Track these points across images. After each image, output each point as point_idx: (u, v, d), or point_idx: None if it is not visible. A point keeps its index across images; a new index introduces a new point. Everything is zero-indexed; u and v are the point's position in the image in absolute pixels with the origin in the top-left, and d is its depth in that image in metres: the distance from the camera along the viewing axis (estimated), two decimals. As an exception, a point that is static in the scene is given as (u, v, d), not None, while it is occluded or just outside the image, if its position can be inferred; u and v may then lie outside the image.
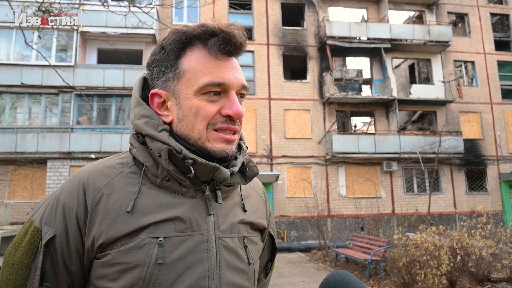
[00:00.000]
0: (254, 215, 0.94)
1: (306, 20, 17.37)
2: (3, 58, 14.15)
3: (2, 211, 8.39)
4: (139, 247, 0.75)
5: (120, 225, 0.76)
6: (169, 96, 0.84)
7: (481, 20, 18.72)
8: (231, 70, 0.82)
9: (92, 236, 0.76)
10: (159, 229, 0.77)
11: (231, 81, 0.81)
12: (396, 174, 16.38)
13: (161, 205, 0.80)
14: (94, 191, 0.79)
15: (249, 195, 0.98)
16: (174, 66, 0.83)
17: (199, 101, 0.81)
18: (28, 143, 13.41)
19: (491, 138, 17.48)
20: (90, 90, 14.15)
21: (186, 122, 0.82)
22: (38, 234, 0.77)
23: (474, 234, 7.07)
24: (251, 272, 0.87)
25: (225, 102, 0.82)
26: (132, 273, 0.74)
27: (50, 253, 0.76)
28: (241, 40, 0.82)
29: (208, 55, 0.82)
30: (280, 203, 15.30)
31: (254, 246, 0.91)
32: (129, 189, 0.81)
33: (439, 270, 6.42)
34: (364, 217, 15.41)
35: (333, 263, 9.99)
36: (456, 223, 15.67)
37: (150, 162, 0.83)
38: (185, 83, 0.82)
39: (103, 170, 0.83)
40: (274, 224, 1.10)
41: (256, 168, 0.92)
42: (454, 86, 17.29)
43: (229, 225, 0.85)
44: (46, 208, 0.80)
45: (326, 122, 16.35)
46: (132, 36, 14.89)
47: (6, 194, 13.83)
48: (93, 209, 0.78)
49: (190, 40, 0.82)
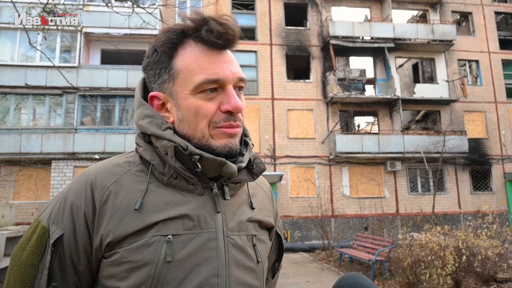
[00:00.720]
0: (262, 213, 0.94)
1: (309, 20, 17.34)
2: (7, 60, 14.22)
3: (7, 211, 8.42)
4: (148, 245, 0.75)
5: (128, 223, 0.76)
6: (167, 98, 0.84)
7: (485, 19, 18.62)
8: (225, 64, 0.81)
9: (100, 234, 0.76)
10: (167, 227, 0.77)
11: (226, 76, 0.80)
12: (400, 174, 16.33)
13: (169, 202, 0.79)
14: (101, 190, 0.79)
15: (256, 193, 0.97)
16: (168, 68, 0.82)
17: (197, 100, 0.80)
18: (33, 144, 13.47)
19: (496, 137, 17.38)
20: (94, 90, 14.19)
21: (187, 122, 0.81)
22: (45, 234, 0.76)
23: (480, 234, 7.03)
24: (260, 270, 0.86)
25: (223, 98, 0.81)
26: (141, 272, 0.73)
27: (58, 253, 0.75)
28: (232, 32, 0.80)
29: (200, 52, 0.80)
30: (284, 203, 15.28)
31: (263, 244, 0.90)
32: (137, 187, 0.80)
33: (444, 270, 6.39)
34: (368, 217, 15.37)
35: (337, 263, 9.97)
36: (460, 223, 15.60)
37: (156, 160, 0.82)
38: (181, 83, 0.81)
39: (110, 169, 0.83)
40: (281, 224, 1.09)
41: (263, 165, 0.91)
42: (458, 85, 17.20)
43: (237, 223, 0.85)
44: (53, 207, 0.80)
45: (329, 122, 16.31)
46: (136, 36, 14.92)
47: (10, 194, 13.90)
48: (101, 208, 0.77)
49: (181, 38, 0.81)
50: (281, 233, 1.05)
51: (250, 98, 15.90)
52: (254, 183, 0.98)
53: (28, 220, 13.29)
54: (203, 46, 0.80)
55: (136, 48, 15.63)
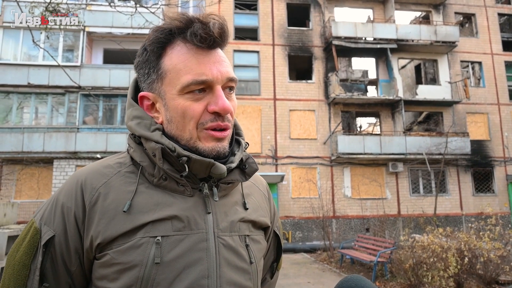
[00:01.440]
0: (257, 213, 0.93)
1: (312, 21, 17.33)
2: (10, 58, 14.26)
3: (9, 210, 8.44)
4: (136, 247, 0.75)
5: (117, 224, 0.76)
6: (156, 97, 0.83)
7: (488, 21, 18.57)
8: (214, 64, 0.79)
9: (90, 236, 0.76)
10: (156, 228, 0.77)
11: (214, 76, 0.78)
12: (402, 175, 16.29)
13: (158, 204, 0.79)
14: (91, 191, 0.79)
15: (251, 193, 0.96)
16: (156, 67, 0.81)
17: (184, 101, 0.79)
18: (35, 143, 13.50)
19: (499, 139, 17.33)
20: (96, 90, 14.21)
21: (175, 123, 0.81)
22: (37, 235, 0.77)
23: (482, 236, 7.00)
24: (254, 271, 0.85)
25: (211, 98, 0.80)
26: (130, 273, 0.74)
27: (50, 254, 0.76)
28: (219, 30, 0.78)
29: (188, 51, 0.79)
30: (285, 203, 15.27)
31: (257, 245, 0.89)
32: (126, 188, 0.80)
33: (446, 272, 6.37)
34: (369, 218, 15.33)
35: (338, 264, 9.95)
36: (462, 225, 15.55)
37: (146, 162, 0.82)
38: (168, 83, 0.80)
39: (101, 170, 0.83)
40: (280, 223, 1.08)
41: (255, 165, 0.90)
42: (461, 87, 17.16)
43: (229, 224, 0.84)
44: (46, 208, 0.81)
45: (331, 122, 16.30)
46: (138, 36, 14.93)
47: (12, 193, 13.93)
48: (91, 209, 0.77)
49: (169, 37, 0.80)
50: (280, 233, 1.04)
51: (252, 98, 15.90)
52: (249, 182, 0.97)
53: (30, 219, 13.33)
54: (191, 45, 0.79)
55: (138, 47, 15.57)
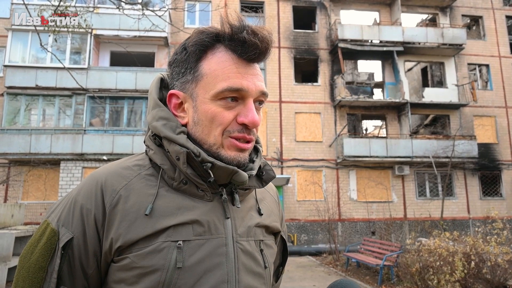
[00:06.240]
0: (270, 218, 0.93)
1: (318, 23, 17.32)
2: (18, 61, 14.42)
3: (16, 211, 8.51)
4: (158, 251, 0.74)
5: (139, 228, 0.75)
6: (187, 98, 0.83)
7: (496, 23, 18.44)
8: (251, 77, 0.80)
9: (110, 238, 0.75)
10: (178, 232, 0.76)
11: (249, 88, 0.79)
12: (408, 178, 16.19)
13: (180, 208, 0.79)
14: (112, 193, 0.78)
15: (264, 198, 0.97)
16: (194, 69, 0.81)
17: (215, 107, 0.79)
18: (42, 144, 13.62)
19: (506, 142, 17.16)
20: (103, 92, 14.32)
21: (201, 126, 0.81)
22: (55, 236, 0.76)
23: (490, 240, 6.93)
24: (267, 276, 0.86)
25: (242, 110, 0.80)
26: (151, 277, 0.73)
27: (68, 256, 0.75)
28: (266, 46, 0.79)
29: (229, 60, 0.79)
30: (291, 206, 15.23)
31: (270, 249, 0.90)
32: (147, 191, 0.79)
33: (453, 276, 6.31)
34: (375, 222, 15.25)
35: (344, 268, 9.90)
36: (469, 229, 15.41)
37: (167, 165, 0.82)
38: (203, 86, 0.80)
39: (120, 172, 0.82)
40: (286, 227, 1.08)
41: (272, 172, 0.91)
42: (468, 90, 17.04)
43: (246, 229, 0.84)
44: (63, 210, 0.79)
45: (337, 125, 16.25)
46: (145, 39, 15.05)
47: (20, 194, 14.06)
48: (111, 211, 0.77)
49: (213, 42, 0.81)
50: (286, 237, 1.05)
51: (257, 100, 15.89)
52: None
53: (37, 220, 13.42)
54: (233, 54, 0.79)
55: (145, 50, 15.76)
